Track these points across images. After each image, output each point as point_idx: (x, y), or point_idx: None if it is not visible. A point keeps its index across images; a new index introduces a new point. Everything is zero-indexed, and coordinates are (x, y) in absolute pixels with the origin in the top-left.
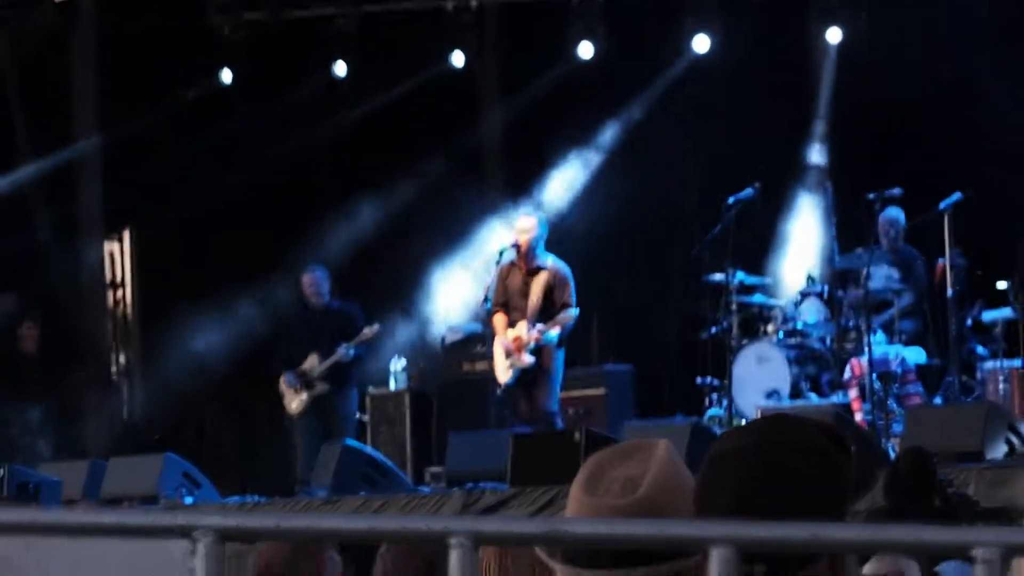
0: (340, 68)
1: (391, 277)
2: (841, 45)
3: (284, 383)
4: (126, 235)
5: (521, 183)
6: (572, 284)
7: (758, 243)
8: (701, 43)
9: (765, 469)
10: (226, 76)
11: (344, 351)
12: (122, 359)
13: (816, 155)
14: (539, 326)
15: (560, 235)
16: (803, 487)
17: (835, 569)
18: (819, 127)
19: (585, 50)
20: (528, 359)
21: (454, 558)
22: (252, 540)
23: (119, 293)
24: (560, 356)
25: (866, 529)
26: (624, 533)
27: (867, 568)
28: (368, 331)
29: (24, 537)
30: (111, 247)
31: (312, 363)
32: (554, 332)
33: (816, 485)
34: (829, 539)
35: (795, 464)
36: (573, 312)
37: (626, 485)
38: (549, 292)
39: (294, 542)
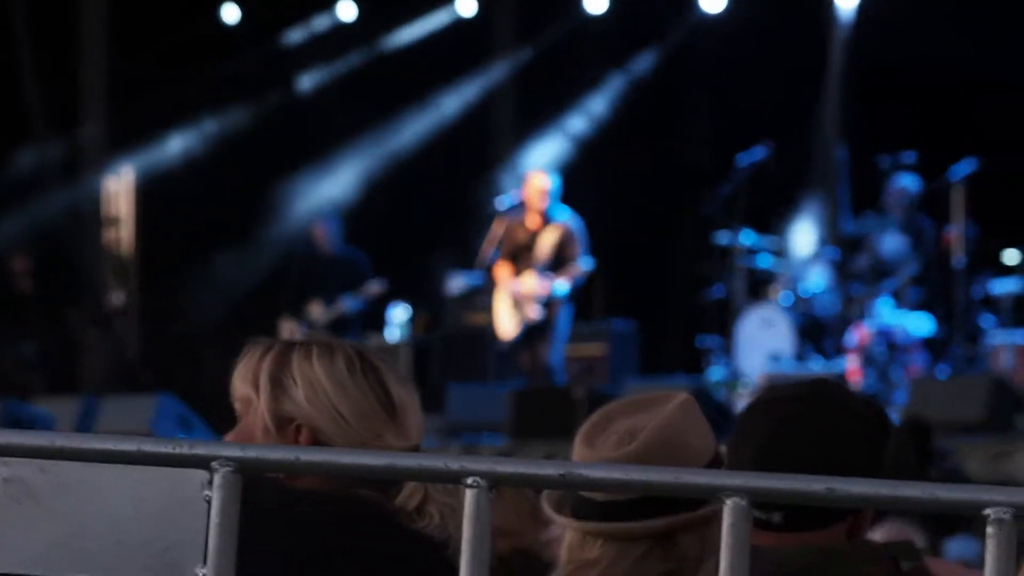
0: (347, 10)
1: (395, 225)
2: (859, 4)
3: (286, 327)
4: (127, 172)
5: (529, 135)
6: (584, 239)
7: (769, 204)
8: (714, 1)
9: (802, 419)
10: (232, 14)
11: (349, 304)
12: (118, 297)
13: (830, 116)
14: (550, 277)
15: (568, 190)
16: (835, 444)
17: (854, 533)
18: (834, 88)
19: (596, 4)
20: (537, 312)
21: (469, 498)
22: (271, 472)
23: (117, 230)
24: (568, 311)
25: (882, 485)
26: (638, 479)
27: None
28: (375, 287)
29: (40, 460)
30: (111, 183)
31: (317, 310)
32: (564, 284)
33: (849, 445)
34: (845, 493)
35: (832, 421)
36: (585, 265)
37: (623, 438)
38: (560, 246)
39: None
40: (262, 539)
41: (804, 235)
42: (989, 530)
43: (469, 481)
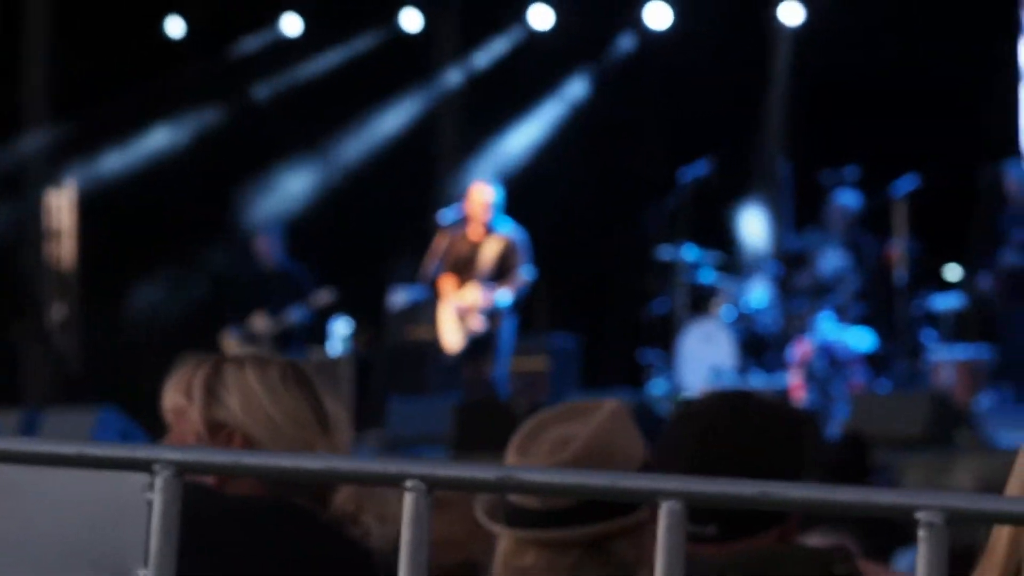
0: (292, 24)
1: (339, 239)
2: (803, 21)
3: (230, 339)
4: (69, 184)
5: (473, 149)
6: (527, 251)
7: (711, 219)
8: (660, 17)
9: (728, 429)
10: (178, 27)
11: (295, 315)
12: (60, 311)
13: (774, 131)
14: (492, 287)
15: (510, 201)
16: (761, 452)
17: (785, 538)
18: (777, 103)
19: (541, 19)
20: (481, 323)
21: (408, 502)
22: (210, 475)
23: (59, 244)
24: (512, 323)
25: (815, 489)
26: (575, 483)
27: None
28: (323, 296)
29: None
30: (53, 197)
31: (261, 323)
32: (507, 296)
33: (774, 453)
34: (778, 497)
35: (756, 429)
36: (527, 275)
37: (556, 446)
38: (503, 258)
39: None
40: (195, 544)
41: (746, 250)
42: (921, 534)
43: (408, 484)
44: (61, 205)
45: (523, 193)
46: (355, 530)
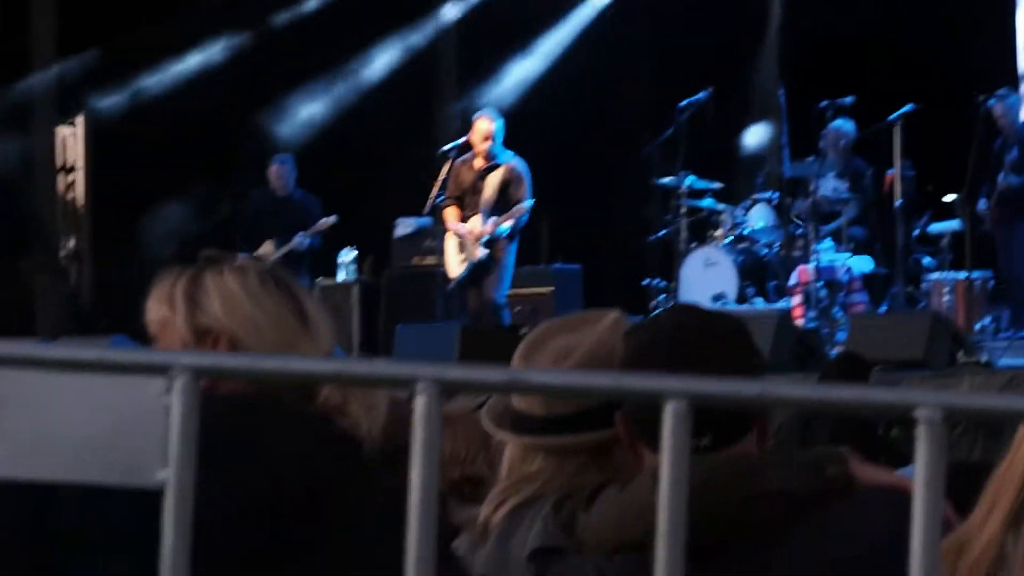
0: None
1: (345, 170)
2: None
3: None
4: (79, 120)
5: (474, 79)
6: (528, 181)
7: (710, 147)
8: None
9: (692, 338)
10: None
11: (299, 239)
12: (72, 244)
13: (769, 60)
14: (493, 219)
15: (511, 133)
16: (728, 353)
17: (762, 440)
18: (773, 32)
19: None
20: (482, 251)
21: (420, 404)
22: (226, 378)
23: (70, 178)
24: (512, 249)
25: (815, 388)
26: (582, 384)
27: None
28: (324, 221)
29: (5, 369)
30: (64, 132)
31: (267, 249)
32: (507, 225)
33: (738, 355)
34: (778, 395)
35: (717, 334)
36: (526, 204)
37: (558, 356)
38: (505, 188)
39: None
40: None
41: (745, 177)
42: (919, 431)
43: (419, 386)
44: (72, 139)
45: (524, 124)
46: (344, 421)
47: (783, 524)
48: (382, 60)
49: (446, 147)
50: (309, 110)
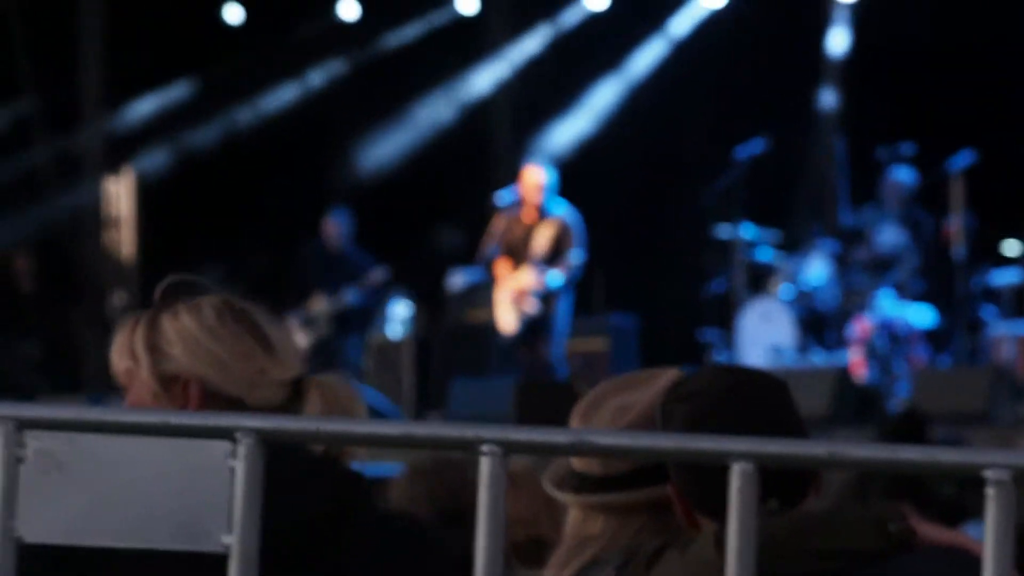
0: (349, 9)
1: (395, 224)
2: None
3: (288, 322)
4: (128, 172)
5: (529, 131)
6: (580, 232)
7: (768, 196)
8: None
9: (746, 394)
10: (235, 14)
11: (351, 296)
12: (120, 298)
13: (829, 107)
14: (545, 271)
15: (567, 184)
16: (780, 413)
17: (817, 497)
18: (832, 80)
19: (597, 1)
20: (534, 304)
21: (485, 466)
22: (291, 442)
23: (118, 231)
24: (566, 302)
25: (881, 449)
26: (647, 446)
27: None
28: (377, 275)
29: (69, 433)
30: (112, 184)
31: (320, 305)
32: (560, 277)
33: (789, 414)
34: (847, 456)
35: (769, 391)
36: (579, 256)
37: (616, 414)
38: (557, 240)
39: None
40: None
41: (804, 227)
42: (989, 492)
43: (484, 449)
44: (120, 193)
45: (580, 173)
46: (347, 460)
47: None
48: (435, 111)
49: (499, 198)
50: (363, 160)
